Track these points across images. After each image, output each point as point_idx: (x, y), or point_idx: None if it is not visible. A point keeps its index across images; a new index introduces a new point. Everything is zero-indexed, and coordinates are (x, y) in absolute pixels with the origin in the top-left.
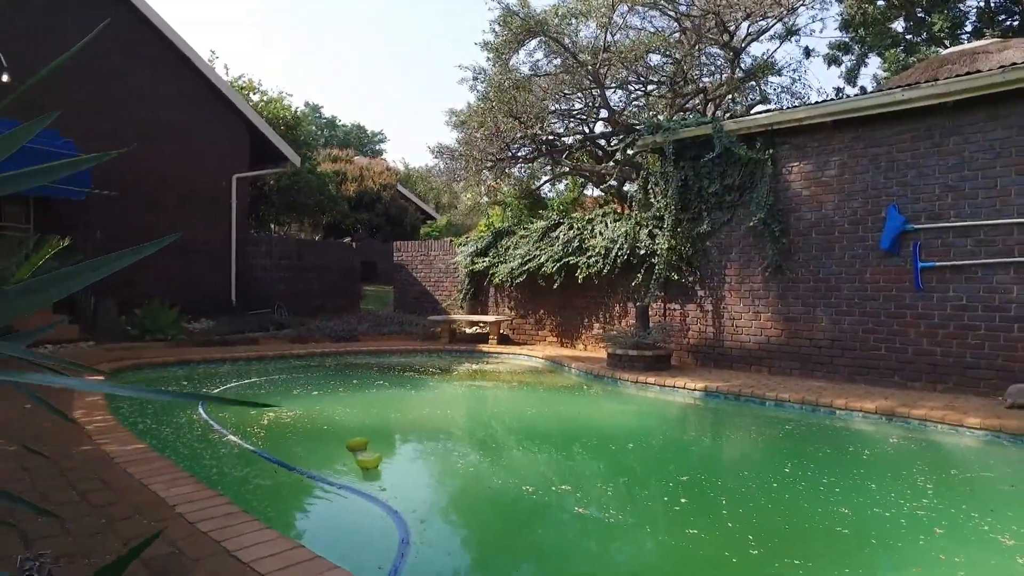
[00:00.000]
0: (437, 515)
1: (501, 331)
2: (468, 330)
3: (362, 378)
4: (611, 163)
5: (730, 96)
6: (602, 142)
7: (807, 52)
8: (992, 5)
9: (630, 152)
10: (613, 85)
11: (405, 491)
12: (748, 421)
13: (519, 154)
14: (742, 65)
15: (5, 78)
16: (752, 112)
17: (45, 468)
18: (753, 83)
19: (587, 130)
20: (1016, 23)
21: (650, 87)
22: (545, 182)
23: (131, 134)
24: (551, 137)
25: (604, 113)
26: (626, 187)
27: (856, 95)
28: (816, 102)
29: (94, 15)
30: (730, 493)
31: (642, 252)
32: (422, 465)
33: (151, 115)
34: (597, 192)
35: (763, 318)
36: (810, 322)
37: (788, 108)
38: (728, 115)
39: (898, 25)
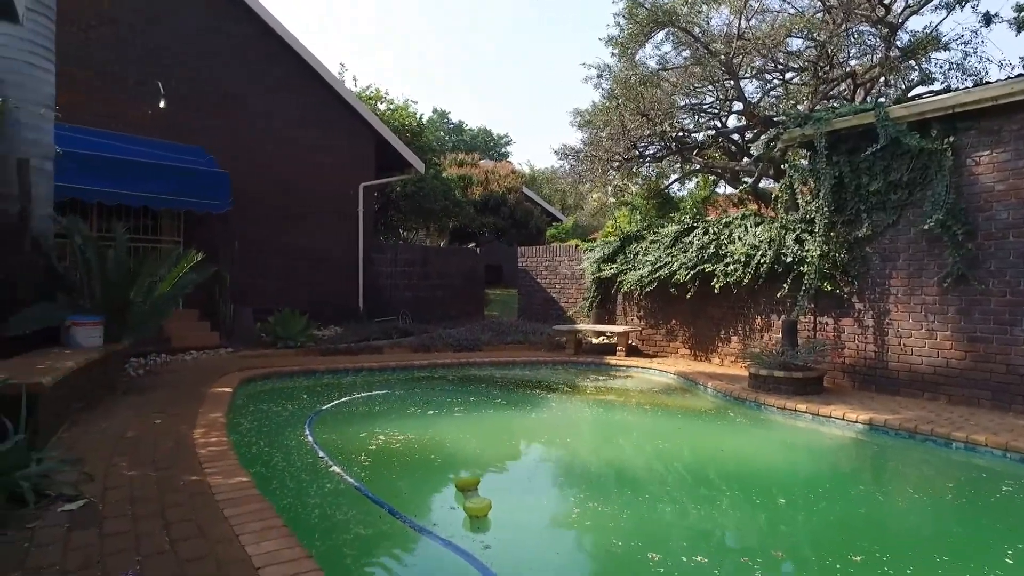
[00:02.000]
0: None
1: (630, 342)
2: (595, 340)
3: (480, 394)
4: (746, 159)
5: (883, 79)
6: (736, 137)
7: (987, 19)
8: None
9: (772, 147)
10: (748, 75)
11: (514, 549)
12: (931, 470)
13: (647, 153)
14: (898, 43)
15: (162, 104)
16: (911, 95)
17: (150, 502)
18: (912, 62)
19: (719, 125)
20: None
21: (789, 75)
22: (674, 181)
23: (266, 149)
24: (680, 134)
25: (738, 106)
26: (762, 184)
27: None
28: (1018, 75)
29: (237, 38)
30: None
31: (788, 259)
32: (535, 513)
33: (284, 130)
34: (730, 190)
35: (940, 337)
36: (1006, 344)
37: (976, 87)
38: (893, 100)
39: None
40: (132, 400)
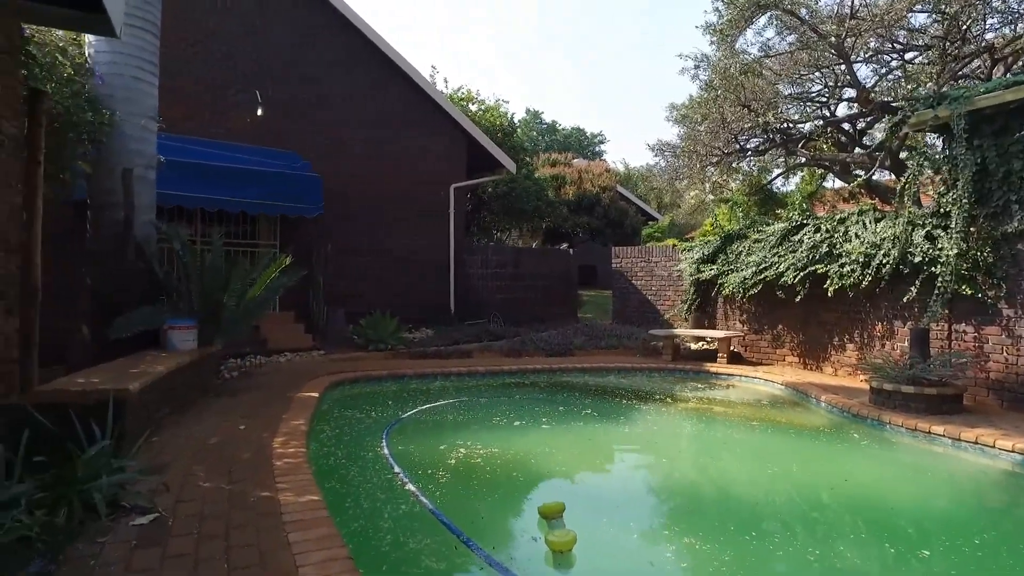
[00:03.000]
0: None
1: (732, 348)
2: (693, 346)
3: (571, 404)
4: (858, 150)
5: None
6: (847, 126)
7: None
8: None
9: (896, 132)
10: (861, 58)
11: None
12: None
13: (748, 146)
14: None
15: (260, 112)
16: None
17: (218, 519)
18: None
19: (828, 114)
20: None
21: (910, 55)
22: (778, 176)
23: (358, 152)
24: (785, 125)
25: (850, 92)
26: (875, 177)
27: None
28: None
29: (330, 44)
30: None
31: (917, 259)
32: (624, 548)
33: (376, 133)
34: (839, 184)
35: None
36: None
37: None
38: None
39: None
40: (223, 403)
